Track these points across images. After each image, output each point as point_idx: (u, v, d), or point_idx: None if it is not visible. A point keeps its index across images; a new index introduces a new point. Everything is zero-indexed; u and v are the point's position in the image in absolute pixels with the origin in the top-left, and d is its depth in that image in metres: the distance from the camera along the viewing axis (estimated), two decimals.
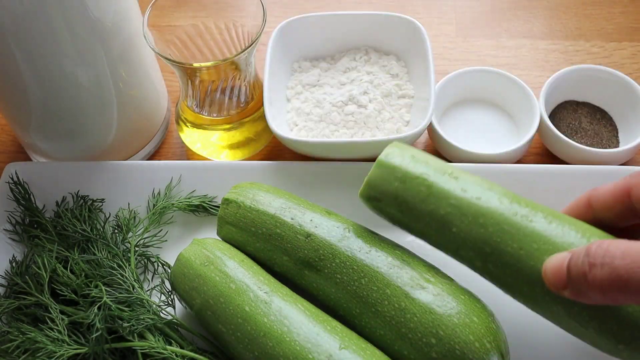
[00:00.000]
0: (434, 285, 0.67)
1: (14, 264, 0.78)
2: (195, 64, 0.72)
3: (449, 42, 0.98)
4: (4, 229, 0.81)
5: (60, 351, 0.67)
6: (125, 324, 0.69)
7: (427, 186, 0.69)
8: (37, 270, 0.73)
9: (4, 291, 0.76)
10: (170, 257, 0.80)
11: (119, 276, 0.72)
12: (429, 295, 0.66)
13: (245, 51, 0.72)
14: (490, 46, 0.97)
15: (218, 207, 0.83)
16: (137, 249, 0.79)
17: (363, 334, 0.68)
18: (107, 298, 0.70)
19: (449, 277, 0.69)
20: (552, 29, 0.98)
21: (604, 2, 1.00)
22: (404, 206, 0.70)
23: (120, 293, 0.71)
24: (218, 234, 0.78)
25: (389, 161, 0.72)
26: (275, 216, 0.74)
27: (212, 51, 0.82)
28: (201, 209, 0.83)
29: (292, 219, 0.74)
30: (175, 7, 0.77)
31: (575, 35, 0.97)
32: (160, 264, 0.79)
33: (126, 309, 0.70)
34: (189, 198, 0.83)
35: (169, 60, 0.72)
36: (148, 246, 0.81)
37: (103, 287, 0.70)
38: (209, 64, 0.72)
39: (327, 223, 0.73)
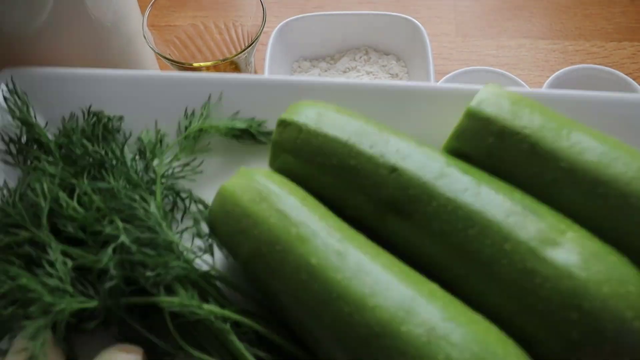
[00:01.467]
0: (572, 241, 0.49)
1: (4, 192, 0.60)
2: (195, 64, 0.70)
3: (449, 42, 0.97)
4: None
5: (60, 304, 0.50)
6: (149, 273, 0.52)
7: (531, 144, 0.55)
8: (34, 198, 0.55)
9: None
10: (206, 194, 0.63)
11: (142, 211, 0.54)
12: (566, 254, 0.48)
13: (245, 51, 0.71)
14: (490, 46, 0.97)
15: (269, 133, 0.66)
16: (164, 180, 0.61)
17: (469, 302, 0.51)
18: (126, 237, 0.52)
19: (588, 231, 0.51)
20: (552, 29, 0.98)
21: (604, 2, 1.02)
22: (500, 168, 0.56)
23: (143, 233, 0.53)
24: (270, 165, 0.60)
25: (483, 111, 0.56)
26: (349, 144, 0.56)
27: (212, 51, 0.81)
28: (247, 135, 0.65)
29: (371, 147, 0.56)
30: (175, 7, 0.77)
31: (575, 35, 0.97)
32: (193, 202, 0.61)
33: (150, 252, 0.52)
34: (231, 120, 0.65)
35: (169, 60, 0.71)
36: (178, 178, 0.63)
37: (120, 223, 0.53)
38: (208, 63, 0.70)
39: (419, 155, 0.55)
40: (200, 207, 0.62)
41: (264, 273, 0.52)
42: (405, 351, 0.45)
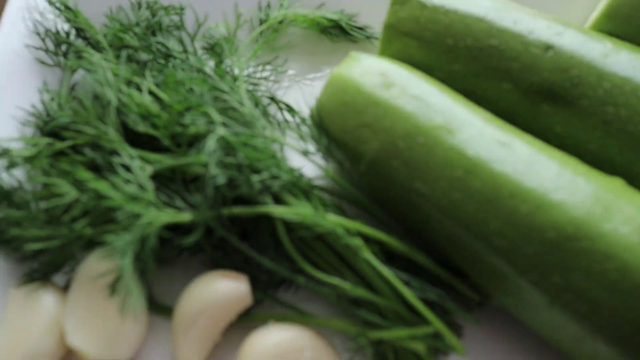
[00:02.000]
0: None
1: (44, 95, 0.48)
2: None
3: None
4: (29, 45, 0.51)
5: (146, 214, 0.38)
6: (256, 177, 0.40)
7: None
8: (97, 88, 0.43)
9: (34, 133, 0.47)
10: (291, 98, 0.51)
11: (237, 104, 0.43)
12: None
13: None
14: None
15: (361, 29, 0.55)
16: (245, 79, 0.50)
17: None
18: (223, 131, 0.40)
19: None
20: None
21: None
22: None
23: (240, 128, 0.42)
24: (382, 53, 0.49)
25: None
26: (487, 19, 0.46)
27: None
28: (337, 30, 0.54)
29: (515, 23, 0.46)
30: None
31: None
32: (279, 108, 0.50)
33: (257, 146, 0.41)
34: (318, 10, 0.54)
35: None
36: (260, 79, 0.51)
37: (217, 115, 0.41)
38: None
39: (575, 31, 0.45)
40: (287, 113, 0.50)
41: (400, 174, 0.41)
42: (612, 254, 0.35)
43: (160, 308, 0.44)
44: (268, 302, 0.44)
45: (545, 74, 0.44)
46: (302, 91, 0.52)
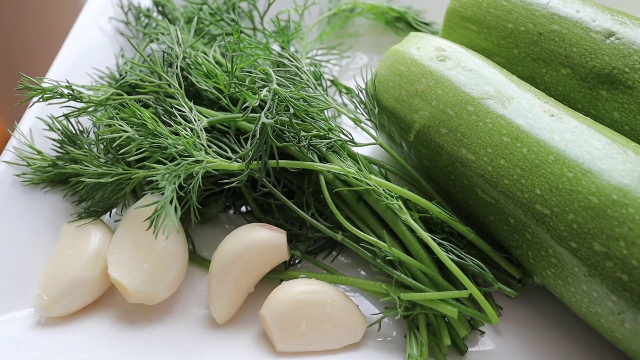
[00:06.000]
0: None
1: (118, 61, 0.53)
2: None
3: None
4: (111, 17, 0.57)
5: (198, 156, 0.41)
6: (304, 133, 0.43)
7: None
8: (167, 42, 0.48)
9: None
10: (351, 83, 0.54)
11: (294, 69, 0.46)
12: None
13: None
14: None
15: (427, 24, 0.58)
16: (308, 59, 0.53)
17: None
18: (282, 91, 0.43)
19: None
20: None
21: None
22: None
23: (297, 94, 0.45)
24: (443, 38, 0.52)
25: None
26: (549, 6, 0.48)
27: None
28: (403, 23, 0.57)
29: (578, 11, 0.47)
30: None
31: None
32: (338, 90, 0.53)
33: (310, 103, 0.44)
34: (387, 3, 0.57)
35: None
36: (322, 61, 0.55)
37: (272, 73, 0.44)
38: None
39: (639, 22, 0.46)
40: (346, 95, 0.53)
41: (448, 141, 0.43)
42: None
43: (200, 260, 0.46)
44: (306, 264, 0.46)
45: (605, 59, 0.45)
46: (362, 77, 0.55)
